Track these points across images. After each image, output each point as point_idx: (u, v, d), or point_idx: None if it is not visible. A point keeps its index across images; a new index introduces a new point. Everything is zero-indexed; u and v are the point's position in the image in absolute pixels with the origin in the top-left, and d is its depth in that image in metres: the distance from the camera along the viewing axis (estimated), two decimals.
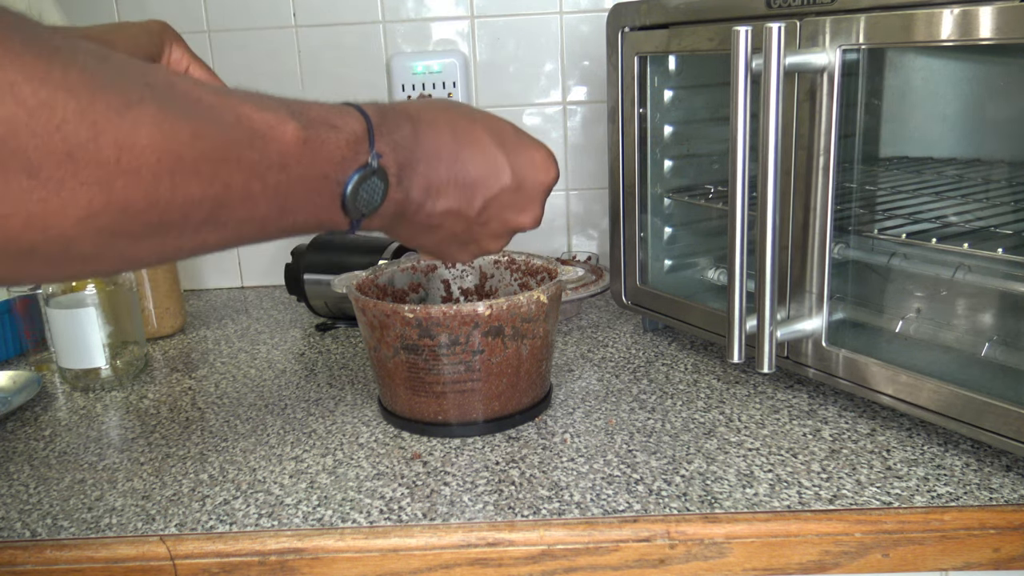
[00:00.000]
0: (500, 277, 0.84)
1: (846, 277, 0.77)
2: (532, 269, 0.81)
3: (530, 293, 0.69)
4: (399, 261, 0.82)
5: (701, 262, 0.95)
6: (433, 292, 0.84)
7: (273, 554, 0.58)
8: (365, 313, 0.71)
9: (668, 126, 0.89)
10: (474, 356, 0.69)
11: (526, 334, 0.70)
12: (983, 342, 0.68)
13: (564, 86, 1.15)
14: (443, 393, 0.70)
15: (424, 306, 0.67)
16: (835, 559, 0.58)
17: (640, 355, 0.88)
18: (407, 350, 0.69)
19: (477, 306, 0.67)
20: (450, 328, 0.67)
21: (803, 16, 0.66)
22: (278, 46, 1.14)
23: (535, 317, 0.70)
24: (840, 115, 0.66)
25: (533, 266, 0.81)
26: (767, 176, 0.65)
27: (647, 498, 0.61)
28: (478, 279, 0.84)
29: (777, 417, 0.72)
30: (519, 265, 0.82)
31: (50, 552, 0.59)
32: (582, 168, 1.18)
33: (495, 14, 1.13)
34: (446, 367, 0.69)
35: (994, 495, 0.59)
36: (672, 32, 0.78)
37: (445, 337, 0.68)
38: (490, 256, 0.83)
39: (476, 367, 0.69)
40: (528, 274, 0.81)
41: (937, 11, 0.58)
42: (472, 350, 0.68)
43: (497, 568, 0.59)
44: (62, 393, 0.87)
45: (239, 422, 0.77)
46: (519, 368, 0.71)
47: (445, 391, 0.70)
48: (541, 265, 0.80)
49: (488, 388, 0.70)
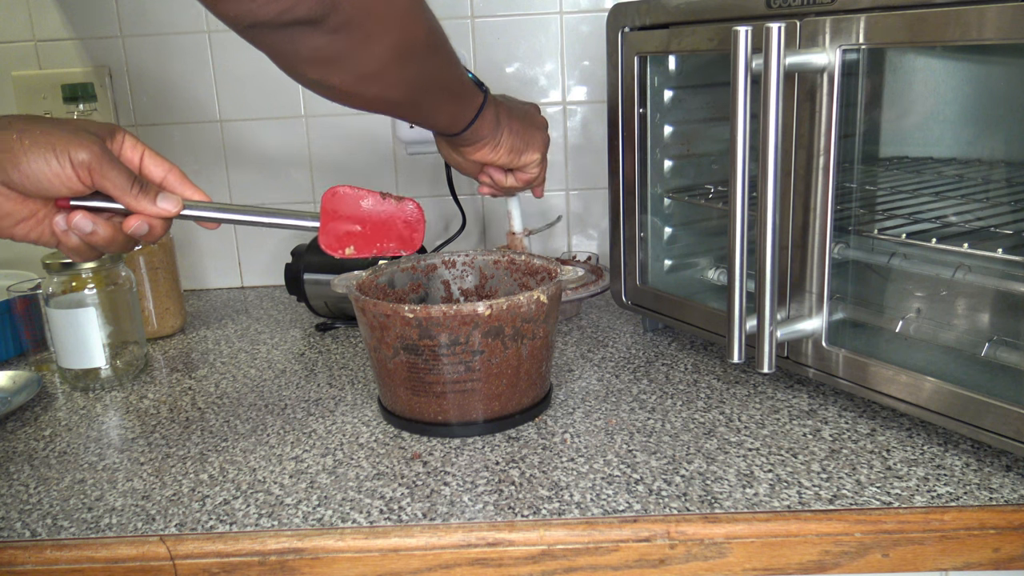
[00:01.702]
0: (500, 278, 0.84)
1: (846, 277, 0.77)
2: (532, 269, 0.81)
3: (530, 293, 0.69)
4: (399, 261, 0.82)
5: (701, 262, 0.95)
6: (433, 292, 0.84)
7: (273, 554, 0.58)
8: (365, 313, 0.71)
9: (668, 126, 0.89)
10: (474, 356, 0.69)
11: (526, 334, 0.70)
12: (983, 342, 0.68)
13: (564, 86, 1.15)
14: (443, 393, 0.70)
15: (424, 306, 0.67)
16: (835, 559, 0.58)
17: (640, 355, 0.88)
18: (407, 350, 0.69)
19: (477, 306, 0.67)
20: (450, 328, 0.67)
21: (803, 16, 0.66)
22: None
23: (535, 317, 0.70)
24: (840, 115, 0.66)
25: (533, 266, 0.81)
26: (767, 176, 0.65)
27: (647, 498, 0.61)
28: (478, 279, 0.84)
29: (777, 417, 0.72)
30: (519, 265, 0.82)
31: (50, 552, 0.59)
32: (582, 168, 1.18)
33: (495, 14, 1.13)
34: (446, 367, 0.69)
35: (994, 495, 0.59)
36: (672, 32, 0.78)
37: (445, 337, 0.68)
38: (490, 256, 0.83)
39: (476, 367, 0.69)
40: (528, 274, 0.81)
41: (937, 11, 0.58)
42: (472, 350, 0.68)
43: (497, 568, 0.59)
44: (62, 393, 0.87)
45: (239, 422, 0.77)
46: (519, 368, 0.71)
47: (445, 391, 0.70)
48: (541, 265, 0.80)
49: (488, 388, 0.70)
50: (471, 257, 0.84)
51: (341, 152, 1.18)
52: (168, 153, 1.16)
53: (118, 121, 1.16)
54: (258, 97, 1.16)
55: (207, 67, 1.14)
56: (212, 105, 1.16)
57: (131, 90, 1.16)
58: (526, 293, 0.69)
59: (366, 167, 1.18)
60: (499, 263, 0.83)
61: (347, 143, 1.17)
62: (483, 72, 1.14)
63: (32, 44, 1.14)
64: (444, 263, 0.84)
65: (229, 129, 1.17)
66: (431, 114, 0.75)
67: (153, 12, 1.12)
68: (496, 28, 1.13)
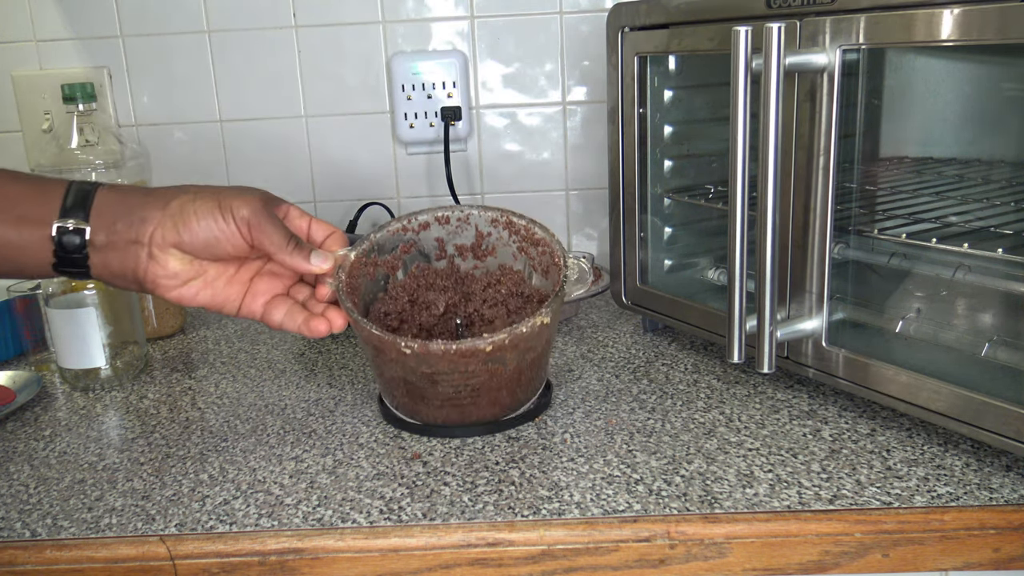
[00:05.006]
0: (498, 236, 0.77)
1: (846, 277, 0.77)
2: (533, 239, 0.75)
3: (533, 320, 0.66)
4: (388, 224, 0.75)
5: (701, 262, 0.95)
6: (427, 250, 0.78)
7: (273, 554, 0.58)
8: (359, 329, 0.68)
9: (668, 126, 0.89)
10: (474, 378, 0.68)
11: (528, 351, 0.68)
12: (983, 342, 0.67)
13: (564, 86, 1.15)
14: (442, 406, 0.70)
15: (422, 344, 0.64)
16: (835, 559, 0.58)
17: (640, 355, 0.88)
18: (405, 371, 0.68)
19: (477, 342, 0.64)
20: (450, 361, 0.65)
21: (803, 16, 0.66)
22: (278, 46, 1.14)
23: (538, 335, 0.68)
24: (840, 115, 0.66)
25: (534, 236, 0.75)
26: (767, 176, 0.65)
27: (647, 498, 0.61)
28: (474, 237, 0.78)
29: (777, 417, 0.72)
30: (518, 229, 0.76)
31: (50, 552, 0.59)
32: (582, 168, 1.18)
33: (495, 14, 1.13)
34: (446, 389, 0.68)
35: (994, 495, 0.59)
36: (672, 32, 0.78)
37: (445, 366, 0.66)
38: (487, 214, 0.77)
39: (477, 386, 0.68)
40: (529, 242, 0.76)
41: (937, 11, 0.58)
42: (473, 375, 0.67)
43: (497, 568, 0.59)
44: (62, 393, 0.87)
45: (239, 422, 0.77)
46: (520, 378, 0.70)
47: (444, 404, 0.69)
48: (543, 238, 0.74)
49: (488, 400, 0.69)
50: (466, 214, 0.77)
51: (341, 152, 1.18)
52: (168, 153, 1.17)
53: (118, 121, 1.16)
54: (258, 97, 1.16)
55: (207, 67, 1.14)
56: (212, 105, 1.16)
57: (131, 90, 1.16)
58: (528, 322, 0.66)
59: (366, 167, 1.18)
60: (497, 222, 0.77)
61: (347, 143, 1.17)
62: (483, 72, 1.14)
63: (32, 44, 1.14)
64: (437, 220, 0.77)
65: (229, 129, 1.17)
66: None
67: (153, 12, 1.12)
68: (496, 28, 1.13)
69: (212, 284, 0.65)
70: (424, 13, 1.13)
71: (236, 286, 0.66)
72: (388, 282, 0.76)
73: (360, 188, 1.18)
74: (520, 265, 0.77)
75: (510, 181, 1.18)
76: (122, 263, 0.62)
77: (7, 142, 1.17)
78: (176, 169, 1.18)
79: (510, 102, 1.15)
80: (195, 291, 0.64)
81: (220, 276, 0.65)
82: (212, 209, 0.62)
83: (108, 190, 0.62)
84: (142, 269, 0.62)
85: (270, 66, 1.15)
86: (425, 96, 1.13)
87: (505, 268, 0.78)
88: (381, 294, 0.76)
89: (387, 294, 0.76)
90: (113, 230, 0.61)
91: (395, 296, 0.76)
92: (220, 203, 0.62)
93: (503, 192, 1.18)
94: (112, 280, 0.63)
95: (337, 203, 1.19)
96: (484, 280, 0.77)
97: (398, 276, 0.75)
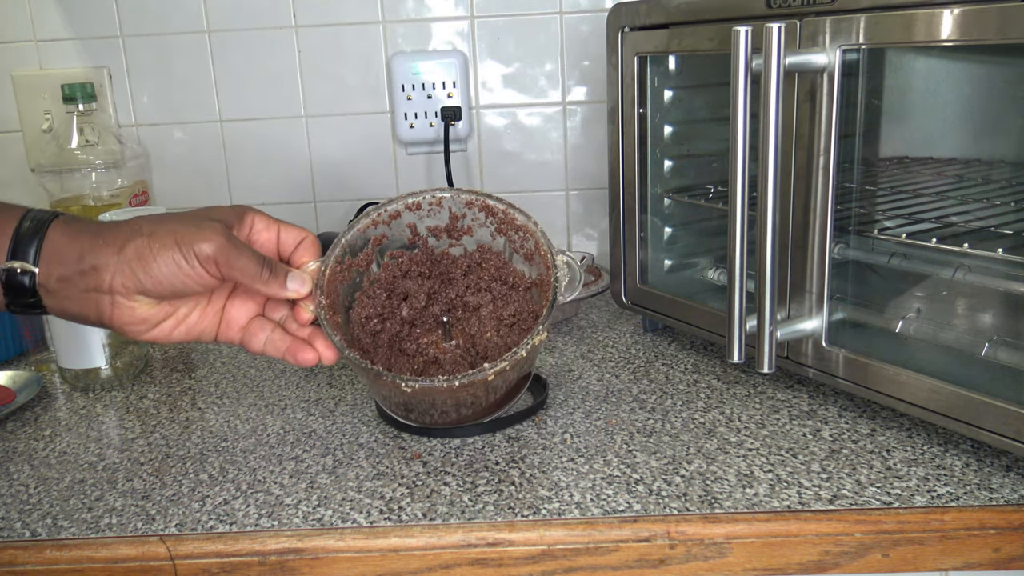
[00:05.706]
0: (473, 217, 0.73)
1: (846, 277, 0.77)
2: (513, 224, 0.71)
3: (531, 340, 0.64)
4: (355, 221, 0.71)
5: (701, 262, 0.95)
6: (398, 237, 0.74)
7: (273, 554, 0.58)
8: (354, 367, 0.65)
9: (668, 126, 0.89)
10: (474, 398, 0.67)
11: (525, 363, 0.67)
12: (983, 342, 0.67)
13: (564, 86, 1.15)
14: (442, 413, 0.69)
15: (424, 384, 0.63)
16: (835, 559, 0.58)
17: (640, 355, 0.88)
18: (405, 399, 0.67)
19: (479, 375, 0.63)
20: (452, 392, 0.65)
21: (803, 16, 0.66)
22: (278, 46, 1.14)
23: (534, 350, 0.66)
24: (840, 115, 0.66)
25: (515, 222, 0.71)
26: (767, 176, 0.65)
27: (647, 498, 0.61)
28: (448, 219, 0.73)
29: (777, 417, 0.72)
30: (495, 211, 0.72)
31: (50, 552, 0.59)
32: (582, 168, 1.18)
33: (495, 14, 1.13)
34: (446, 408, 0.68)
35: (994, 495, 0.59)
36: (672, 32, 0.78)
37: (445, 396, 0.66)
38: (462, 197, 0.72)
39: (475, 402, 0.68)
40: (509, 227, 0.72)
41: (937, 11, 0.58)
42: (473, 395, 0.66)
43: (497, 568, 0.59)
44: (62, 393, 0.87)
45: (239, 422, 0.77)
46: (518, 386, 0.70)
47: (442, 416, 0.69)
48: (523, 224, 0.71)
49: (487, 410, 0.69)
50: (438, 198, 0.72)
51: (341, 152, 1.18)
52: (168, 153, 1.17)
53: (118, 121, 1.16)
54: (258, 97, 1.16)
55: (207, 67, 1.14)
56: (212, 105, 1.16)
57: (131, 90, 1.16)
58: (527, 344, 0.64)
59: (366, 167, 1.18)
60: (472, 204, 0.72)
61: (347, 143, 1.17)
62: (483, 72, 1.14)
63: (32, 44, 1.14)
64: (408, 207, 0.72)
65: (229, 129, 1.17)
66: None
67: (153, 12, 1.12)
68: (496, 28, 1.13)
69: (184, 320, 0.62)
70: (424, 13, 1.13)
71: (210, 317, 0.64)
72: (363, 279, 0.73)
73: (360, 188, 1.18)
74: (499, 246, 0.74)
75: (510, 181, 1.18)
76: (81, 308, 0.58)
77: (7, 142, 1.17)
78: (176, 169, 1.18)
79: (510, 102, 1.16)
80: (168, 331, 0.61)
81: (192, 311, 0.63)
82: (171, 251, 0.57)
83: (60, 228, 0.57)
84: (107, 316, 0.58)
85: (270, 66, 1.15)
86: (425, 96, 1.14)
87: (484, 248, 0.74)
88: (358, 294, 0.72)
89: (364, 292, 0.72)
90: (63, 276, 0.57)
91: (372, 294, 0.72)
92: (179, 243, 0.57)
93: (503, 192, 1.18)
94: (74, 320, 0.60)
95: (337, 203, 1.19)
96: (464, 262, 0.74)
97: (372, 269, 0.73)
